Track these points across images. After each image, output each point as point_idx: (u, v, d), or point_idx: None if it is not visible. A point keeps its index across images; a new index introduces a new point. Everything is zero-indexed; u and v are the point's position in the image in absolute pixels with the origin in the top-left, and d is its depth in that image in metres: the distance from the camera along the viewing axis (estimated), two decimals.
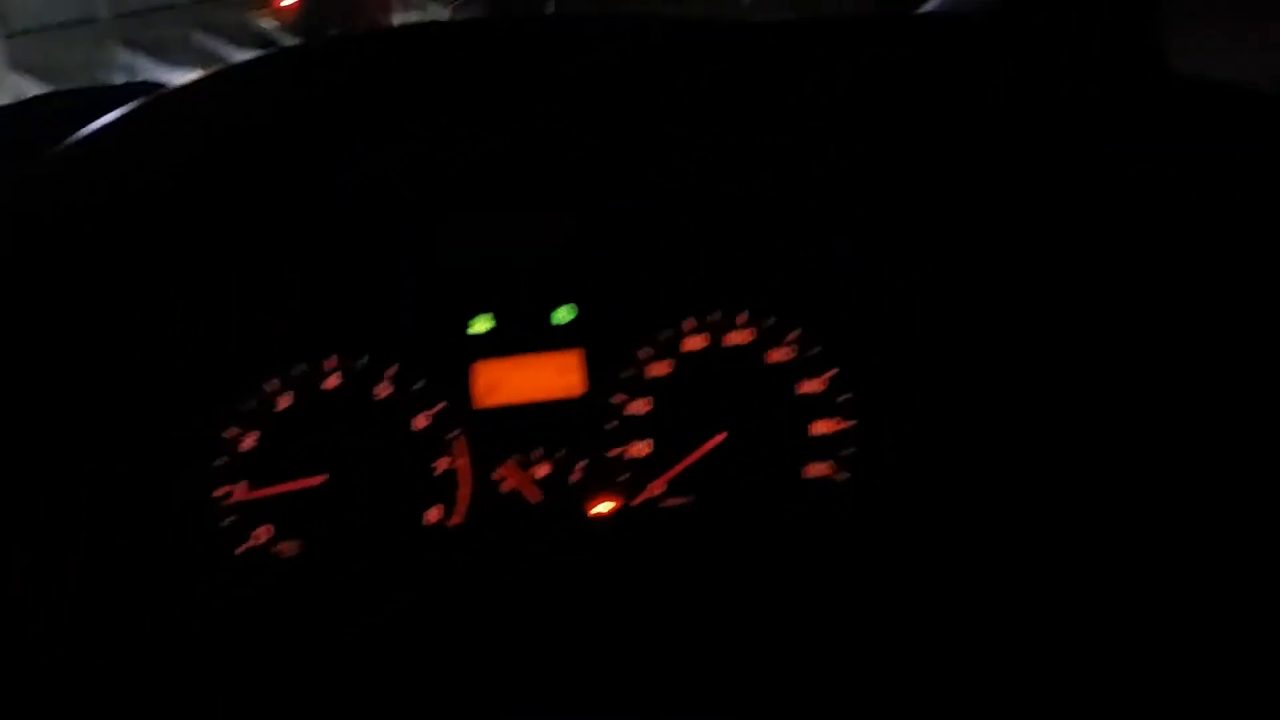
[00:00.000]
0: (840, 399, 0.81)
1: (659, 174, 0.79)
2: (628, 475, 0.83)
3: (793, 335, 0.82)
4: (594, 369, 0.83)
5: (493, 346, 0.83)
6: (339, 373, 0.82)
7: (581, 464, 0.83)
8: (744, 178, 0.81)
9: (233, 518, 0.82)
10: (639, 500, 0.83)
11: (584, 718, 0.67)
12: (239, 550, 0.82)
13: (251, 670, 0.65)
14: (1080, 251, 0.72)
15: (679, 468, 0.83)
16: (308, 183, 0.75)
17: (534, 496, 0.83)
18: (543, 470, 0.83)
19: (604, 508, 0.83)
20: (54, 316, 0.68)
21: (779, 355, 0.82)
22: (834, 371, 0.82)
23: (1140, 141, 0.73)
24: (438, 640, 0.71)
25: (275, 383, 0.82)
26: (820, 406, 0.82)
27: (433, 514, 0.83)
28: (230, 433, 0.81)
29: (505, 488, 0.84)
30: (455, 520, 0.83)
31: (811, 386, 0.82)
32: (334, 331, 0.82)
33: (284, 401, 0.82)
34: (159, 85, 0.83)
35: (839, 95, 0.70)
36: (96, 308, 0.71)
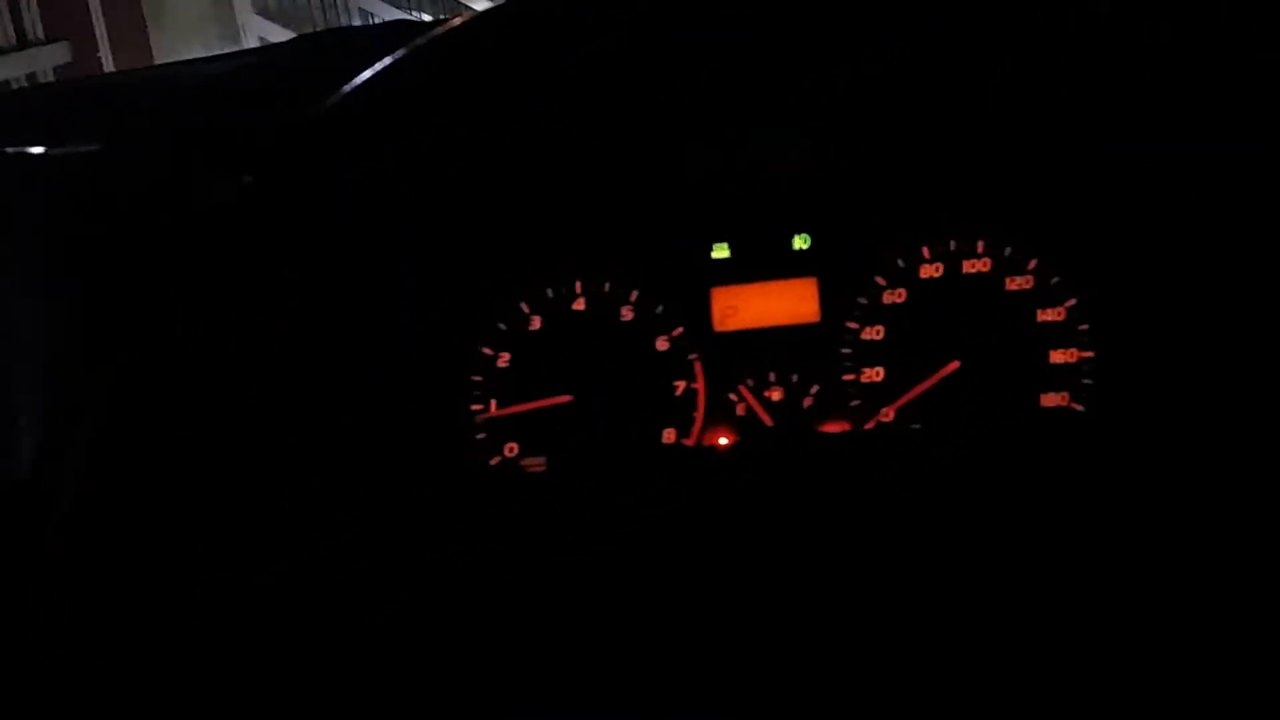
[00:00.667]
0: (1080, 328, 0.81)
1: (897, 100, 0.80)
2: (859, 401, 0.85)
3: (1031, 264, 0.82)
4: (829, 295, 0.85)
5: (731, 273, 0.86)
6: (585, 297, 0.86)
7: (814, 389, 0.85)
8: (981, 104, 0.81)
9: (483, 434, 0.88)
10: (869, 425, 0.85)
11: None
12: (491, 463, 0.87)
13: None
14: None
15: (911, 394, 0.84)
16: (560, 115, 0.78)
17: (767, 419, 0.86)
18: (776, 394, 0.86)
19: (834, 431, 0.85)
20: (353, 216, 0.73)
21: (1017, 284, 0.82)
22: (1073, 301, 0.81)
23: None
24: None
25: (526, 305, 0.86)
26: (1059, 335, 0.82)
27: (669, 434, 0.87)
28: (486, 350, 0.86)
29: (739, 410, 0.87)
30: (690, 441, 0.86)
31: (1050, 315, 0.82)
32: (580, 257, 0.86)
33: (536, 322, 0.86)
34: (413, 24, 0.87)
35: None
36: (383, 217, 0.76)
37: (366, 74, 0.64)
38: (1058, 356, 0.81)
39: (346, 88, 0.64)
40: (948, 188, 0.83)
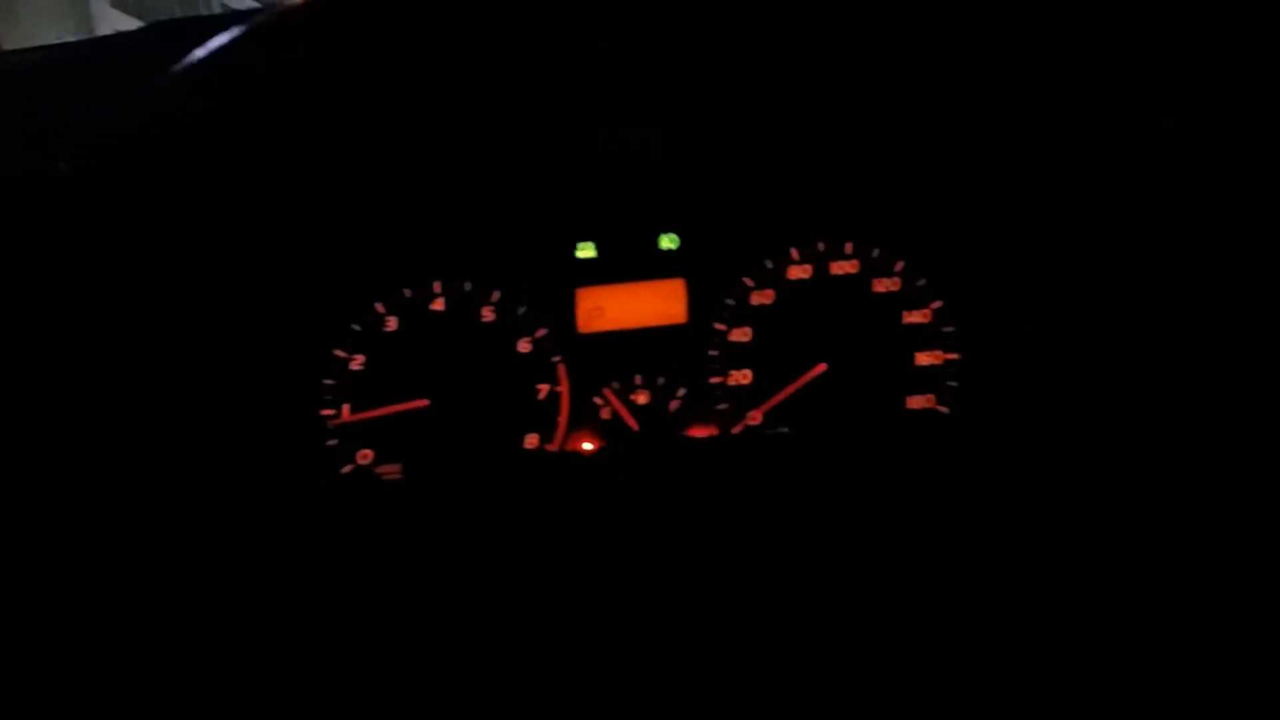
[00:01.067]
0: (945, 330, 0.81)
1: (766, 99, 0.79)
2: (727, 404, 0.83)
3: (898, 266, 0.82)
4: (697, 297, 0.83)
5: (596, 273, 0.83)
6: (444, 297, 0.83)
7: (681, 392, 0.83)
8: (850, 107, 0.80)
9: (336, 440, 0.83)
10: (737, 429, 0.83)
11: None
12: (343, 471, 0.83)
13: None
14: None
15: (778, 397, 0.83)
16: (419, 112, 0.74)
17: (632, 424, 0.83)
18: (642, 398, 0.83)
19: (701, 435, 0.83)
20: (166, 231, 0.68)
21: (884, 285, 0.82)
22: (939, 303, 0.81)
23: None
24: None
25: (382, 305, 0.82)
26: (925, 337, 0.81)
27: (531, 439, 0.84)
28: (339, 353, 0.82)
29: (604, 414, 0.84)
30: (553, 446, 0.83)
31: (916, 317, 0.81)
32: (439, 255, 0.83)
33: (392, 324, 0.82)
34: (259, 11, 0.82)
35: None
36: (209, 221, 0.71)
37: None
38: (923, 358, 0.81)
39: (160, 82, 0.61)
40: (817, 189, 0.82)
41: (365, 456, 0.83)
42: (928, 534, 0.73)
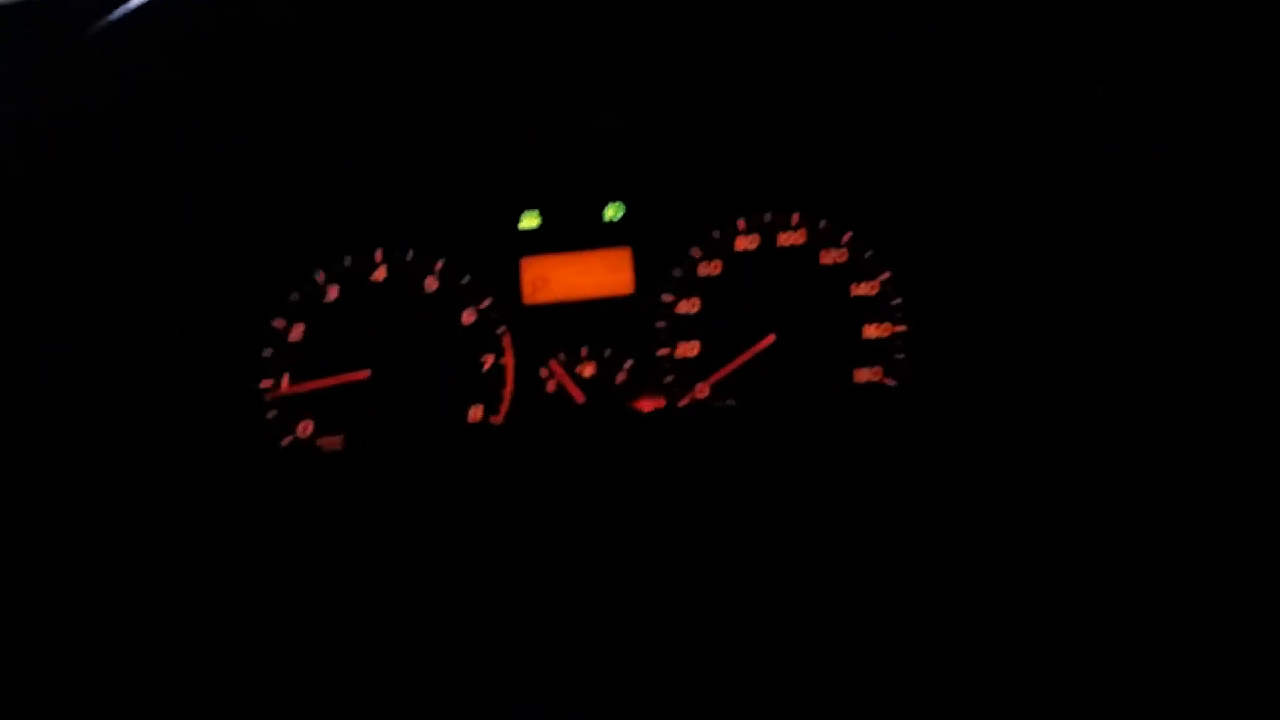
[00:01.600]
0: (893, 302, 0.80)
1: (716, 67, 0.77)
2: (673, 376, 0.82)
3: (846, 237, 0.81)
4: (643, 267, 0.82)
5: (542, 243, 0.82)
6: (385, 266, 0.81)
7: (628, 364, 0.82)
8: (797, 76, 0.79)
9: (274, 412, 0.82)
10: (684, 402, 0.83)
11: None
12: (283, 443, 0.81)
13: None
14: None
15: (726, 369, 0.82)
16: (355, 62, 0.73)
17: (579, 396, 0.82)
18: (588, 369, 0.82)
19: (648, 408, 0.82)
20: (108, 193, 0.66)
21: (831, 257, 0.81)
22: (887, 275, 0.80)
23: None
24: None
25: (322, 274, 0.80)
26: (872, 309, 0.81)
27: (476, 411, 0.82)
28: (278, 323, 0.80)
29: (549, 387, 0.83)
30: (498, 418, 0.82)
31: (864, 289, 0.80)
32: (381, 222, 0.81)
33: (332, 293, 0.80)
34: None
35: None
36: (148, 183, 0.69)
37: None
38: (871, 331, 0.80)
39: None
40: (764, 158, 0.81)
41: (306, 429, 0.81)
42: (883, 514, 0.72)
